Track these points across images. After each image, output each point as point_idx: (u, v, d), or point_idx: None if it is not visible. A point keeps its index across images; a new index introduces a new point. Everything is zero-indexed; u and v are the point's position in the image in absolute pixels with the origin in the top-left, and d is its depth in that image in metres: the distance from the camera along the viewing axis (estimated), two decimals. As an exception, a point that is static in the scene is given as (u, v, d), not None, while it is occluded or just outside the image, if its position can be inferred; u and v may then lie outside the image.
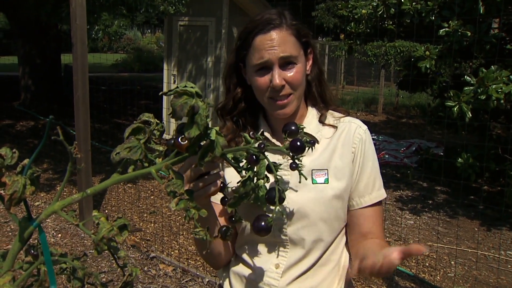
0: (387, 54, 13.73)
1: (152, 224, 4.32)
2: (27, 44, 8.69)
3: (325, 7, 16.91)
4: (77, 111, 3.87)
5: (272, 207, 0.90)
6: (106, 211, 4.61)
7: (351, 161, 1.15)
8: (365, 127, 1.19)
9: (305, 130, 1.15)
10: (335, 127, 1.18)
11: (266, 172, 0.90)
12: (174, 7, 5.52)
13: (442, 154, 6.74)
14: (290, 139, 0.93)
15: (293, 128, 0.96)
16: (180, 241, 3.98)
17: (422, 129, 9.66)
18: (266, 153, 1.19)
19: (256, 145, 0.89)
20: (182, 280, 3.36)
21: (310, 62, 1.18)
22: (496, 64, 4.19)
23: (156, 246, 3.86)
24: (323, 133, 1.18)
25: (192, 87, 0.79)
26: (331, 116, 1.21)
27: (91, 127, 4.09)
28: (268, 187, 0.92)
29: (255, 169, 0.90)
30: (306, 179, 0.93)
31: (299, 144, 0.90)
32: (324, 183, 1.12)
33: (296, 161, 0.93)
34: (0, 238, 3.90)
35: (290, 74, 1.08)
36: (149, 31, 32.58)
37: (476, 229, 4.59)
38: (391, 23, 5.65)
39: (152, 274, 3.44)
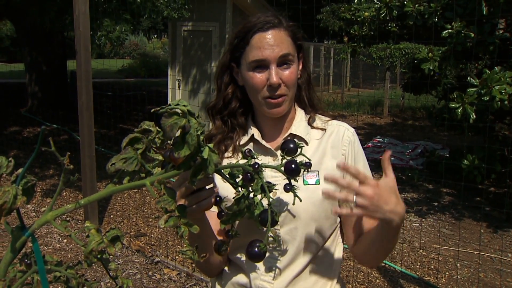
0: (392, 56, 13.70)
1: (157, 229, 4.34)
2: (33, 51, 8.77)
3: (329, 10, 16.90)
4: (81, 117, 3.90)
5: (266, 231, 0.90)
6: (111, 216, 4.64)
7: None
8: (353, 129, 1.22)
9: (294, 132, 1.17)
10: (323, 129, 1.20)
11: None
12: (177, 12, 5.55)
13: (448, 156, 6.71)
14: (288, 157, 0.93)
15: (291, 146, 0.95)
16: (185, 245, 3.99)
17: (428, 131, 9.62)
18: (256, 148, 1.20)
19: (252, 162, 0.89)
20: (186, 284, 3.37)
21: (301, 66, 1.20)
22: (500, 65, 4.17)
23: (160, 251, 3.88)
24: (312, 135, 1.20)
25: (184, 105, 0.78)
26: (319, 119, 1.23)
27: (97, 132, 4.12)
28: (263, 205, 0.92)
29: (249, 187, 0.90)
30: (300, 201, 0.94)
31: (293, 167, 0.90)
32: (315, 184, 1.13)
33: (292, 181, 0.93)
34: (7, 244, 3.93)
35: (285, 74, 1.11)
36: (155, 36, 32.75)
37: (482, 231, 4.56)
38: (394, 25, 5.63)
39: (157, 278, 3.45)
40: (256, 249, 0.90)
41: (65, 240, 4.07)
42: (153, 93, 11.14)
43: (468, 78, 4.27)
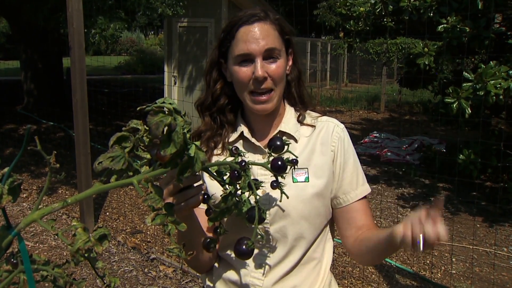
0: (389, 51, 13.70)
1: (153, 226, 4.34)
2: (28, 48, 8.74)
3: (326, 6, 16.88)
4: (76, 114, 3.89)
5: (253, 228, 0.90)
6: (107, 213, 4.63)
7: (331, 160, 1.16)
8: (342, 125, 1.21)
9: (283, 129, 1.16)
10: (313, 126, 1.19)
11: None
12: (172, 9, 5.53)
13: (444, 150, 6.72)
14: (275, 155, 0.93)
15: (278, 143, 0.95)
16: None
17: (425, 126, 9.63)
18: (245, 145, 1.20)
19: (239, 160, 0.89)
20: (182, 281, 3.38)
21: (290, 62, 1.19)
22: (496, 60, 4.17)
23: (156, 248, 3.88)
24: (301, 132, 1.19)
25: (170, 103, 0.78)
26: (309, 116, 1.22)
27: (93, 130, 4.11)
28: (251, 202, 0.92)
29: (237, 185, 0.90)
30: (287, 197, 0.94)
31: (280, 164, 0.90)
32: (304, 181, 1.13)
33: (279, 178, 0.93)
34: None
35: (272, 68, 1.09)
36: (152, 32, 32.62)
37: (478, 225, 4.57)
38: (390, 20, 5.63)
39: (152, 275, 3.45)
40: (244, 246, 0.91)
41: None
42: (149, 90, 11.12)
43: (464, 73, 4.27)
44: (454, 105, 4.14)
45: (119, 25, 5.00)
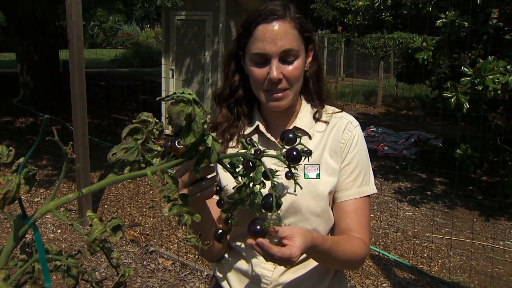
0: (386, 46, 13.70)
1: (151, 219, 4.34)
2: (25, 40, 8.67)
3: (323, 0, 16.84)
4: (74, 107, 3.88)
5: (269, 213, 0.90)
6: (106, 206, 4.63)
7: (340, 156, 1.16)
8: (357, 123, 1.19)
9: (298, 125, 1.16)
10: (327, 122, 1.18)
11: (262, 178, 0.90)
12: (170, 1, 5.50)
13: (441, 145, 6.75)
14: (288, 147, 0.94)
15: (290, 136, 0.96)
16: (179, 235, 4.01)
17: (422, 120, 9.67)
18: (260, 139, 1.20)
19: (253, 151, 0.90)
20: (181, 273, 3.39)
21: (310, 59, 1.17)
22: (494, 55, 4.19)
23: (155, 241, 3.89)
24: (316, 128, 1.18)
25: (189, 94, 0.79)
26: (325, 112, 1.20)
27: (90, 123, 4.09)
28: (263, 194, 0.93)
29: (251, 175, 0.90)
30: (301, 188, 0.94)
31: (295, 154, 0.91)
32: (316, 178, 1.13)
33: (292, 169, 0.94)
34: (0, 235, 3.92)
35: (288, 69, 1.08)
36: (148, 25, 32.49)
37: (474, 219, 4.61)
38: (388, 14, 5.63)
39: (151, 268, 3.46)
40: (258, 226, 0.90)
41: (59, 230, 4.07)
42: (146, 83, 11.08)
43: (462, 67, 4.29)
44: (452, 100, 4.16)
45: (118, 17, 4.97)
